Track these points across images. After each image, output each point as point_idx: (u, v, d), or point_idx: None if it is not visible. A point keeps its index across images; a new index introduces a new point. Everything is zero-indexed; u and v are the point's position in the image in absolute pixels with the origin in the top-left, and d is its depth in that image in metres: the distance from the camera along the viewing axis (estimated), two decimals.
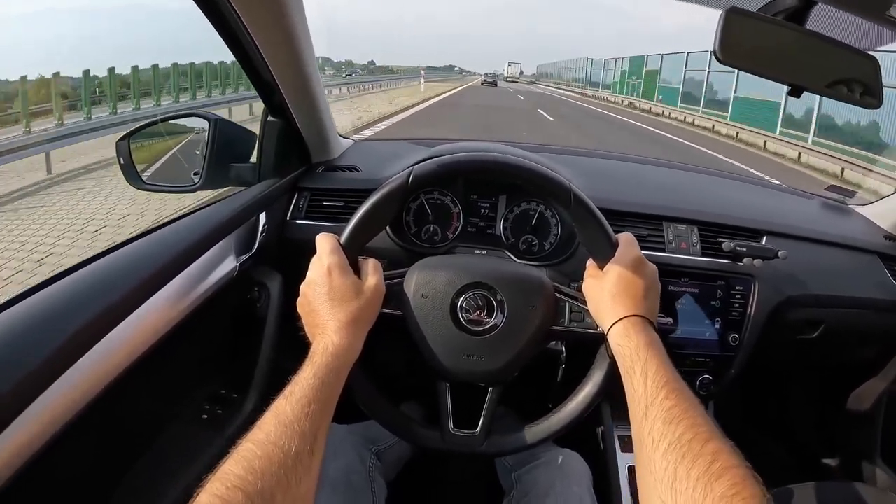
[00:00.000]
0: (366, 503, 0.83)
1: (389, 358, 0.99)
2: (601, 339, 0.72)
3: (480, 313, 0.71)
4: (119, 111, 10.34)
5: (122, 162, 1.06)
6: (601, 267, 0.72)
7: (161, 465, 0.79)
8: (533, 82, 74.17)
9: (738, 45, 0.67)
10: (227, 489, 0.44)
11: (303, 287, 0.68)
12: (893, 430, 1.29)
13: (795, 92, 0.73)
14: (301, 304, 0.68)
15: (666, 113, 18.98)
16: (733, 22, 0.67)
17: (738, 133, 13.41)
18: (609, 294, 0.68)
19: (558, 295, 0.74)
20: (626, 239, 0.73)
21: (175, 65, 12.93)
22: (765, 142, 12.11)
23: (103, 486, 0.72)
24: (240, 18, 0.76)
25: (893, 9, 0.72)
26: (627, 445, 1.06)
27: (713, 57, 0.67)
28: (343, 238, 0.70)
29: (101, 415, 0.64)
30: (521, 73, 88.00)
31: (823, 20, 0.74)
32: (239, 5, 0.73)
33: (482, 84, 44.11)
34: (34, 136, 7.80)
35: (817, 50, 0.71)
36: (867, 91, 0.73)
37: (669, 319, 1.02)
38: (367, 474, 0.87)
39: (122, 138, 1.06)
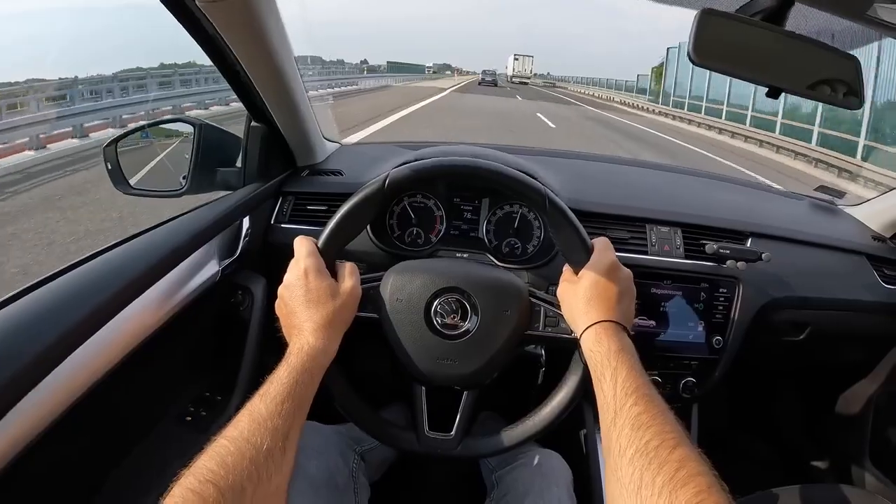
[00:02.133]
0: (349, 502, 0.83)
1: (373, 361, 0.99)
2: (576, 343, 0.72)
3: (455, 317, 0.71)
4: None
5: (109, 167, 1.07)
6: (576, 272, 0.72)
7: (144, 466, 0.80)
8: (552, 84, 61.25)
9: (713, 45, 0.67)
10: (200, 483, 0.45)
11: (280, 289, 0.69)
12: (882, 433, 1.29)
13: (773, 93, 0.72)
14: (279, 306, 0.69)
15: None
16: (708, 23, 0.67)
17: None
18: (583, 299, 0.68)
19: (533, 300, 0.74)
20: (601, 244, 0.73)
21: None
22: None
23: (87, 486, 0.73)
24: (212, 24, 0.76)
25: (873, 8, 0.72)
26: None
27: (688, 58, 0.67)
28: (320, 241, 0.71)
29: (85, 417, 0.64)
30: (533, 72, 66.99)
31: (802, 20, 0.74)
32: (210, 11, 0.73)
33: (479, 84, 39.24)
34: None
35: (797, 51, 0.71)
36: (850, 91, 0.73)
37: (652, 322, 1.02)
38: (351, 475, 0.87)
39: (108, 144, 1.07)
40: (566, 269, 0.75)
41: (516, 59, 62.04)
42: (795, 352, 1.18)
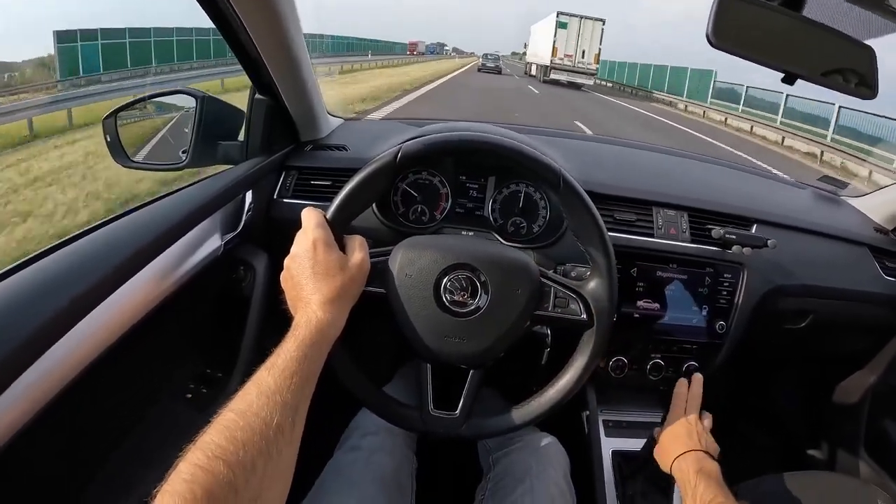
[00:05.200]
0: (406, 500, 0.86)
1: (377, 337, 0.99)
2: (585, 325, 0.72)
3: (464, 295, 0.70)
4: None
5: (108, 139, 1.05)
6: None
7: (146, 443, 0.79)
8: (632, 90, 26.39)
9: (732, 29, 0.66)
10: (209, 458, 0.43)
11: (287, 261, 0.67)
12: (878, 423, 1.30)
13: (789, 79, 0.72)
14: (285, 278, 0.67)
15: None
16: (728, 6, 0.66)
17: None
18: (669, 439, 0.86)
19: (544, 280, 0.73)
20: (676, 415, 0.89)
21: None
22: None
23: (89, 463, 0.72)
24: None
25: None
26: (612, 430, 1.06)
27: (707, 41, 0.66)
28: (329, 213, 0.69)
29: (85, 393, 0.63)
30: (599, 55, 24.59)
31: (820, 7, 0.73)
32: None
33: (479, 70, 32.99)
34: None
35: (813, 37, 0.70)
36: (862, 81, 0.72)
37: (656, 305, 1.02)
38: (410, 474, 0.90)
39: (108, 116, 1.04)
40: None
41: (562, 27, 24.54)
42: (796, 339, 1.19)
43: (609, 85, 30.72)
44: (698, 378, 0.92)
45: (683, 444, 0.82)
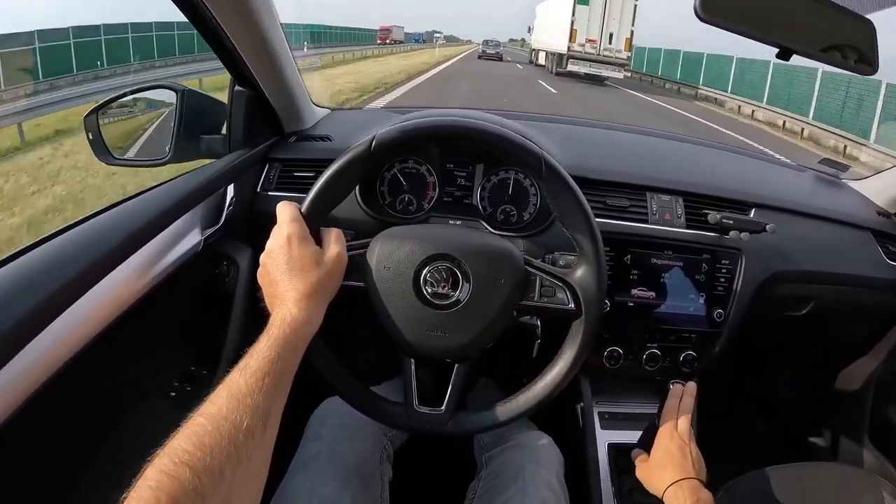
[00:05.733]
0: (376, 490, 0.83)
1: (363, 332, 0.97)
2: (573, 314, 0.70)
3: (445, 286, 0.68)
4: None
5: (90, 137, 1.03)
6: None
7: (127, 443, 0.78)
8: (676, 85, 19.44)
9: (721, 2, 0.64)
10: (175, 465, 0.42)
11: (262, 257, 0.66)
12: (882, 411, 1.27)
13: (784, 54, 0.69)
14: (261, 275, 0.66)
15: None
16: None
17: None
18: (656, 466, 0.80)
19: (529, 268, 0.71)
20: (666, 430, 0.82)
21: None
22: None
23: (67, 461, 0.71)
24: None
25: None
26: (607, 422, 1.04)
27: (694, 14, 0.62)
28: (304, 206, 0.68)
29: (63, 392, 0.62)
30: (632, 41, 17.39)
31: None
32: None
33: (480, 57, 32.47)
34: None
35: (809, 10, 0.68)
36: (861, 58, 0.69)
37: (652, 294, 1.00)
38: (379, 462, 0.87)
39: (89, 113, 1.03)
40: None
41: (582, 3, 17.50)
42: (797, 326, 1.16)
43: (640, 78, 22.33)
44: (691, 388, 0.87)
45: (677, 468, 0.77)
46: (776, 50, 0.69)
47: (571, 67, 18.46)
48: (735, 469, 0.93)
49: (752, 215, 1.05)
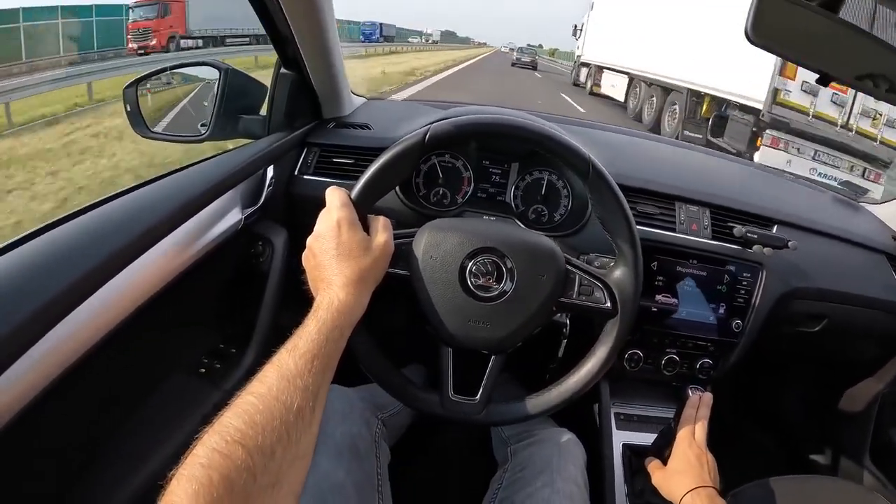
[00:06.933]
0: (370, 469, 0.82)
1: (395, 319, 0.98)
2: (609, 314, 0.72)
3: (489, 279, 0.70)
4: None
5: (128, 109, 1.04)
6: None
7: (158, 417, 0.79)
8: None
9: (771, 27, 0.66)
10: (227, 443, 0.42)
11: (310, 240, 0.66)
12: (885, 431, 1.30)
13: (823, 80, 0.72)
14: (307, 258, 0.66)
15: None
16: (767, 4, 0.66)
17: None
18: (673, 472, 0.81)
19: (569, 267, 0.73)
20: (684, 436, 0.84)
21: None
22: None
23: (98, 434, 0.72)
24: None
25: None
26: (623, 423, 1.06)
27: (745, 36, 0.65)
28: (354, 193, 0.68)
29: (99, 364, 0.63)
30: None
31: (857, 10, 0.72)
32: None
33: (513, 65, 29.88)
34: None
35: (848, 40, 0.70)
36: (891, 88, 0.72)
37: (675, 300, 1.02)
38: (373, 440, 0.86)
39: (129, 85, 1.04)
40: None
41: None
42: (809, 343, 1.18)
43: None
44: (707, 399, 0.89)
45: (695, 476, 0.79)
46: None
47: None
48: (738, 479, 0.94)
49: (774, 231, 1.07)
